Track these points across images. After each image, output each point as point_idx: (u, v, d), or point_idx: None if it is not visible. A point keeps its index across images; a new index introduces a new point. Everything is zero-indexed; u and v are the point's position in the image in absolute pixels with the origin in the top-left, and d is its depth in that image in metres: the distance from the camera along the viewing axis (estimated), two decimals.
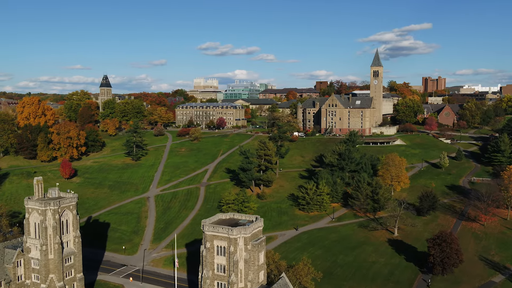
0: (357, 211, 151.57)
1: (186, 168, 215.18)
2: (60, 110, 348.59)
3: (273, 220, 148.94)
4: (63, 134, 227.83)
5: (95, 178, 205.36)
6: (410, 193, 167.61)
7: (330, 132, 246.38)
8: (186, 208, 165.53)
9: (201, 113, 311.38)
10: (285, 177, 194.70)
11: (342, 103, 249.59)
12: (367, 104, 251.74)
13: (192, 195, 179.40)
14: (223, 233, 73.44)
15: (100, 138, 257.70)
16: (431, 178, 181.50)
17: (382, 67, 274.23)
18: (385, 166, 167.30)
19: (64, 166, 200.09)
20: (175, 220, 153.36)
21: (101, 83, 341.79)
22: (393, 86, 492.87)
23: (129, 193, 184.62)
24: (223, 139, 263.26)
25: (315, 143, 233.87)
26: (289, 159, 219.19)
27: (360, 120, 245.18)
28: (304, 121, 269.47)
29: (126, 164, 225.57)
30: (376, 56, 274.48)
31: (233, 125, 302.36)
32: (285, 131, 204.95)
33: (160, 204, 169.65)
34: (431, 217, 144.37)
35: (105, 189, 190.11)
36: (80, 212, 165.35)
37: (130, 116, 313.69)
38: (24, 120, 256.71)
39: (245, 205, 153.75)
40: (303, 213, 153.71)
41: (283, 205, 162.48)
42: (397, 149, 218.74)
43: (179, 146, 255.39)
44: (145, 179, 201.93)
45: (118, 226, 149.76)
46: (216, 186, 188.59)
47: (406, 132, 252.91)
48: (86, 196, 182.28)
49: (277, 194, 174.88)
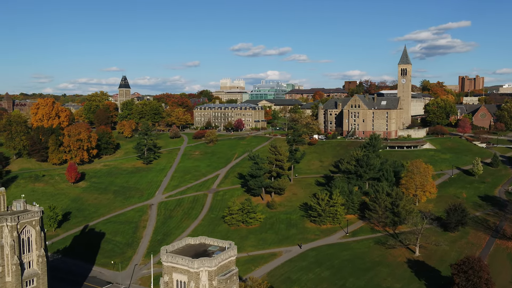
0: (375, 225, 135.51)
1: (197, 173, 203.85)
2: (80, 111, 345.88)
3: (280, 233, 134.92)
4: (73, 137, 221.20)
5: (102, 182, 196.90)
6: (437, 204, 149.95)
7: (353, 135, 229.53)
8: (189, 217, 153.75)
9: (220, 114, 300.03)
10: (300, 184, 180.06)
11: (365, 104, 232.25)
12: (393, 105, 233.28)
13: (198, 202, 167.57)
14: (182, 265, 60.29)
15: (113, 141, 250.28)
16: (462, 187, 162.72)
17: (411, 65, 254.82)
18: (409, 174, 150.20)
19: (70, 170, 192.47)
20: (174, 231, 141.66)
21: (120, 84, 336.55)
22: (426, 85, 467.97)
23: (133, 200, 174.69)
24: (240, 142, 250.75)
25: (335, 147, 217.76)
26: (306, 164, 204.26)
27: (386, 122, 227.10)
28: (326, 123, 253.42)
29: (136, 168, 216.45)
30: (404, 53, 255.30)
31: (252, 127, 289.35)
32: (300, 134, 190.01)
33: (162, 213, 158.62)
34: (460, 233, 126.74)
35: (109, 195, 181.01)
36: (78, 220, 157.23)
37: (148, 118, 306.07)
38: (37, 122, 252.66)
39: (251, 216, 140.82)
40: (314, 225, 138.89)
41: (293, 216, 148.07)
42: (425, 154, 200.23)
43: (193, 149, 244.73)
44: (152, 185, 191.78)
45: (113, 236, 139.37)
46: (225, 193, 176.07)
47: (436, 135, 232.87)
48: (88, 202, 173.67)
49: (288, 203, 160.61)
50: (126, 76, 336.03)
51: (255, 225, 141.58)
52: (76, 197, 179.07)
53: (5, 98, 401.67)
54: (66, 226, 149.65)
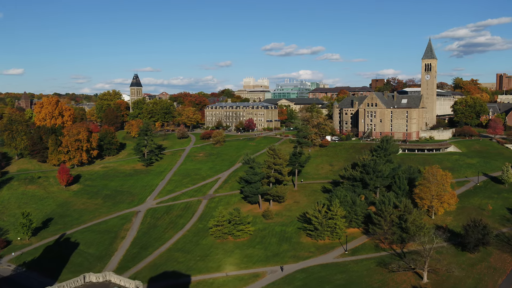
0: (381, 241, 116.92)
1: (197, 176, 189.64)
2: (92, 111, 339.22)
3: (269, 249, 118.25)
4: (71, 137, 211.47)
5: (95, 186, 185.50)
6: (457, 217, 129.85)
7: (368, 137, 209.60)
8: (175, 226, 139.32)
9: (231, 114, 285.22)
10: (305, 191, 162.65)
11: (383, 102, 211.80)
12: (414, 103, 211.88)
13: (190, 210, 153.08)
14: None
15: (116, 141, 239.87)
16: (488, 197, 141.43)
17: (436, 60, 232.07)
18: (423, 182, 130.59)
19: (61, 173, 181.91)
20: (153, 243, 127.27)
21: (132, 83, 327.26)
22: (458, 83, 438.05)
23: (121, 205, 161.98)
24: (248, 143, 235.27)
25: (348, 149, 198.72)
26: (315, 168, 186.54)
27: (405, 122, 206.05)
28: (341, 123, 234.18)
29: (135, 170, 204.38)
30: (428, 47, 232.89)
31: (264, 127, 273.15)
32: (306, 136, 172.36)
33: (147, 221, 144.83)
34: (481, 254, 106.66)
35: (98, 200, 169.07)
36: (57, 228, 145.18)
37: (158, 117, 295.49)
38: (41, 121, 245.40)
39: (239, 228, 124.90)
40: (310, 240, 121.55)
41: (289, 228, 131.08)
42: (448, 158, 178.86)
43: (198, 151, 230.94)
44: (147, 189, 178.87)
45: (87, 248, 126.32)
46: (221, 200, 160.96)
47: (463, 137, 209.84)
48: (74, 207, 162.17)
49: (287, 212, 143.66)
50: (137, 75, 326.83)
51: (244, 238, 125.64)
52: (64, 202, 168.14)
53: (23, 98, 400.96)
54: (42, 235, 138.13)
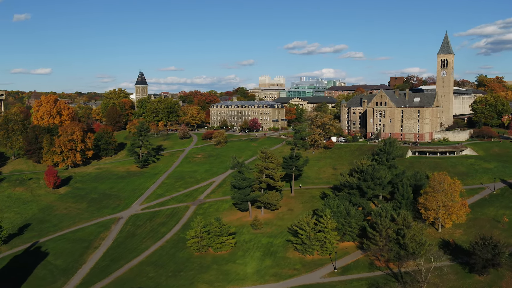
0: (376, 258, 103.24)
1: (191, 180, 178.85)
2: (97, 109, 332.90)
3: (250, 265, 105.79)
4: (65, 137, 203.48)
5: (84, 188, 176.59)
6: (467, 230, 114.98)
7: (377, 138, 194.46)
8: (154, 236, 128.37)
9: (236, 113, 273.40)
10: (302, 197, 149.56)
11: (394, 101, 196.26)
12: (428, 102, 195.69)
13: (175, 217, 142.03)
14: None
15: (114, 141, 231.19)
16: (505, 207, 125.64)
17: (453, 55, 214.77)
18: (429, 191, 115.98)
19: (48, 175, 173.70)
20: (127, 255, 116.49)
21: (137, 81, 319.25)
22: (482, 81, 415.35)
23: (105, 211, 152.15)
24: (250, 144, 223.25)
25: (354, 152, 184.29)
26: (316, 172, 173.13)
27: (417, 122, 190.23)
28: (349, 123, 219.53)
29: (128, 172, 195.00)
30: (444, 41, 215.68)
31: (269, 126, 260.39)
32: (304, 137, 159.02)
33: (127, 229, 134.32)
34: (491, 277, 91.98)
35: (83, 204, 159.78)
36: (32, 235, 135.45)
37: (162, 116, 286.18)
38: (38, 120, 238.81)
39: (220, 240, 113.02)
40: (298, 255, 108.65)
41: (277, 240, 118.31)
42: (462, 162, 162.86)
43: (198, 152, 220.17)
44: (136, 192, 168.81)
45: (55, 259, 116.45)
46: (210, 206, 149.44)
47: (482, 139, 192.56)
48: (56, 212, 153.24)
49: (279, 222, 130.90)
50: (143, 72, 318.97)
51: (225, 250, 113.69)
52: (47, 206, 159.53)
53: (33, 96, 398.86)
54: (14, 242, 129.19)
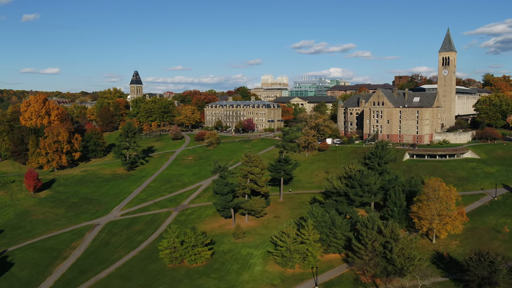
0: (362, 273, 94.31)
1: (177, 183, 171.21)
2: (92, 109, 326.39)
3: (225, 279, 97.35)
4: (51, 138, 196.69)
5: (65, 192, 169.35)
6: (464, 241, 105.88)
7: (374, 139, 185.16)
8: (129, 245, 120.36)
9: (231, 113, 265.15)
10: (291, 203, 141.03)
11: (391, 101, 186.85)
12: (428, 102, 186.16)
13: (154, 224, 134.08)
14: None
15: (103, 142, 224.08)
16: (507, 215, 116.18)
17: (455, 53, 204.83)
18: (423, 198, 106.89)
19: (28, 178, 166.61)
20: (97, 266, 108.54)
21: (132, 80, 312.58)
22: (488, 80, 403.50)
23: (84, 216, 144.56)
24: (243, 146, 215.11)
25: (349, 154, 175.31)
26: (308, 176, 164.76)
27: (416, 123, 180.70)
28: (346, 124, 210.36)
29: (114, 175, 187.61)
30: (446, 38, 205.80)
31: (265, 127, 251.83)
32: (292, 139, 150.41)
33: (102, 237, 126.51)
34: None
35: (61, 209, 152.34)
36: (1, 243, 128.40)
37: (156, 116, 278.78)
38: (26, 121, 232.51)
39: (195, 251, 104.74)
40: (278, 269, 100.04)
41: (258, 251, 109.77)
42: (462, 166, 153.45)
43: (188, 153, 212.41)
44: (119, 197, 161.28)
45: (20, 270, 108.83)
46: (193, 212, 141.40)
47: (485, 140, 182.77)
48: (32, 218, 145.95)
49: (262, 230, 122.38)
50: (137, 72, 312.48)
51: (201, 262, 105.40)
52: (24, 211, 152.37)
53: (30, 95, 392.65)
54: None
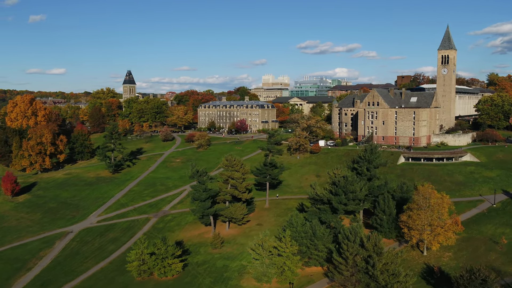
0: None
1: (162, 187, 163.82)
2: (85, 110, 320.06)
3: None
4: (34, 139, 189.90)
5: (45, 196, 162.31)
6: (458, 253, 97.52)
7: (368, 141, 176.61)
8: (99, 255, 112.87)
9: (224, 113, 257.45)
10: (277, 209, 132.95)
11: (387, 101, 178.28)
12: (425, 102, 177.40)
13: (130, 231, 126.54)
14: None
15: (90, 143, 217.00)
16: (505, 224, 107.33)
17: (455, 51, 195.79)
18: (413, 207, 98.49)
19: (6, 181, 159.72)
20: (61, 278, 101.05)
21: (125, 80, 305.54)
22: (493, 80, 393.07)
23: (59, 222, 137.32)
24: (234, 147, 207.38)
25: (341, 157, 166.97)
26: (298, 180, 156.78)
27: (413, 124, 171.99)
28: (340, 125, 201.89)
29: (98, 178, 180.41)
30: (446, 36, 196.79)
31: (258, 128, 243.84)
32: (278, 142, 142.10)
33: (72, 246, 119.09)
34: None
35: (37, 214, 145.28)
36: None
37: (148, 117, 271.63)
38: (12, 122, 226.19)
39: (164, 264, 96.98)
40: (254, 283, 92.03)
41: (234, 263, 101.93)
42: (460, 170, 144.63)
43: (177, 156, 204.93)
44: (98, 201, 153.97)
45: None
46: (173, 219, 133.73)
47: (485, 142, 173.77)
48: (5, 224, 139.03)
49: (242, 239, 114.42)
50: (131, 71, 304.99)
51: (171, 275, 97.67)
52: None
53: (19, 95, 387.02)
54: None
